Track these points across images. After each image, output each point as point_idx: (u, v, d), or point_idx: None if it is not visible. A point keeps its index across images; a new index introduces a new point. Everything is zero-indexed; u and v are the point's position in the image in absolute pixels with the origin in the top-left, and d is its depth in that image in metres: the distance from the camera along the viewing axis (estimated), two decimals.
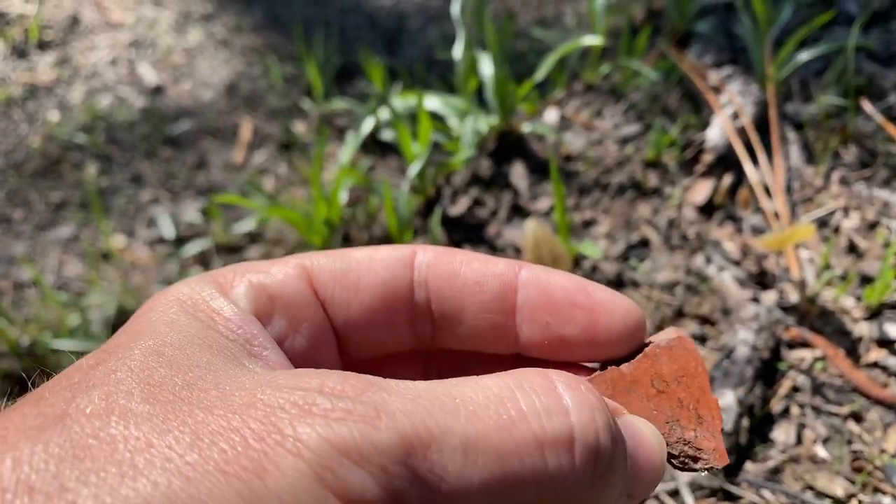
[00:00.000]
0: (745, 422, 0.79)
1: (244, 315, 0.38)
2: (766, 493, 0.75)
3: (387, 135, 1.28)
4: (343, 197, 1.10)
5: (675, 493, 0.77)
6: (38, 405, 0.30)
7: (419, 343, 0.44)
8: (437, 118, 1.22)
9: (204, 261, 1.18)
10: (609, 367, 0.42)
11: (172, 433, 0.29)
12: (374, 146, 1.30)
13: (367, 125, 1.20)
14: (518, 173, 1.13)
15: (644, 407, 0.41)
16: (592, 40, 1.15)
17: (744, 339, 0.84)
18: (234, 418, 0.29)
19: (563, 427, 0.32)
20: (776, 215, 0.98)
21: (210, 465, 0.28)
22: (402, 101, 1.19)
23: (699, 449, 0.39)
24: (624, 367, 0.42)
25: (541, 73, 1.17)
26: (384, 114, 1.24)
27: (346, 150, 1.18)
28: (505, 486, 0.30)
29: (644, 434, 0.37)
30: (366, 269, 0.43)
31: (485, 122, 1.13)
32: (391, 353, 0.39)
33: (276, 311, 0.40)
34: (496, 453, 0.30)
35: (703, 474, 0.39)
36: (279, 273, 0.42)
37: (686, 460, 0.39)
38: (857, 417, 0.80)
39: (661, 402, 0.40)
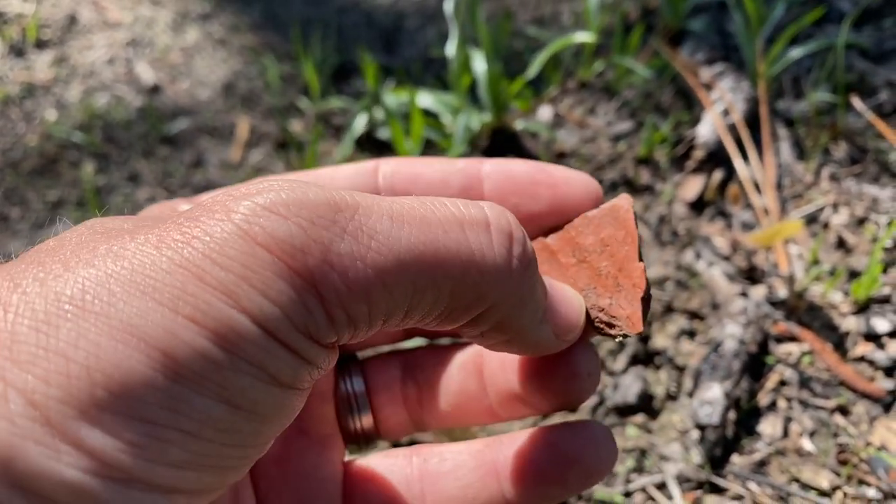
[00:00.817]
0: (732, 415, 0.80)
1: None
2: (753, 486, 0.75)
3: (383, 133, 1.29)
4: None
5: (661, 486, 0.77)
6: None
7: None
8: (430, 115, 1.23)
9: None
10: (535, 240, 0.44)
11: (114, 238, 0.30)
12: (371, 144, 1.31)
13: (360, 122, 1.21)
14: None
15: (561, 276, 0.43)
16: (584, 37, 1.16)
17: (732, 333, 0.85)
18: (172, 217, 0.31)
19: (479, 213, 0.33)
20: (766, 211, 0.98)
21: (145, 247, 0.29)
22: (395, 98, 1.20)
23: (613, 316, 0.40)
24: (549, 238, 0.44)
25: (533, 70, 1.18)
26: (380, 112, 1.24)
27: (342, 148, 1.19)
28: (432, 253, 0.31)
29: (558, 284, 0.39)
30: (328, 180, 0.46)
31: (477, 119, 1.14)
32: None
33: None
34: (421, 222, 0.32)
35: (617, 341, 0.41)
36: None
37: (601, 326, 0.40)
38: (843, 411, 0.80)
39: (579, 271, 0.42)
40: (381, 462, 0.46)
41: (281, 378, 0.30)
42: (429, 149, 1.21)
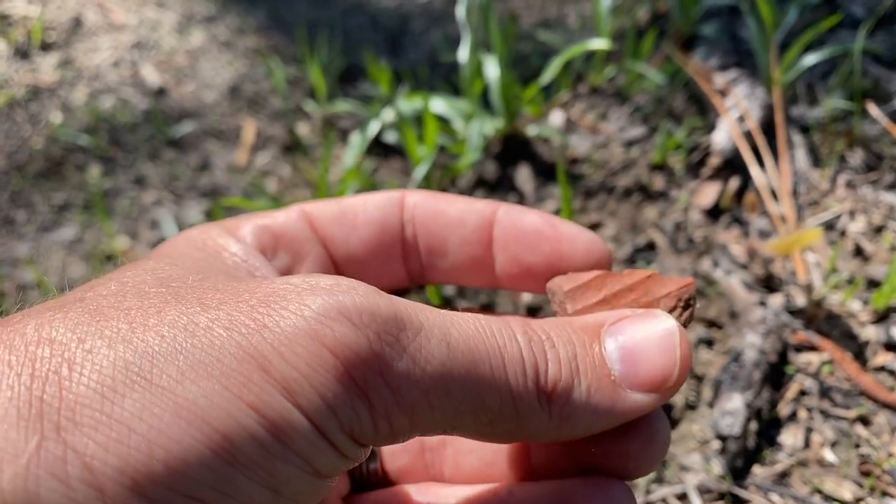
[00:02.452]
0: (753, 425, 0.79)
1: (249, 249, 0.42)
2: (775, 497, 0.75)
3: (389, 137, 1.28)
4: None
5: (682, 497, 0.76)
6: (57, 299, 0.32)
7: (410, 278, 0.49)
8: (441, 121, 1.22)
9: None
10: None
11: (182, 303, 0.31)
12: (377, 148, 1.30)
13: (374, 127, 1.20)
14: (523, 176, 1.12)
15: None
16: (599, 44, 1.15)
17: (751, 342, 0.84)
18: (243, 294, 0.32)
19: (517, 350, 0.35)
20: (783, 219, 0.98)
21: (215, 324, 0.30)
22: (407, 103, 1.19)
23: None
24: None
25: (547, 76, 1.17)
26: (388, 115, 1.23)
27: (352, 152, 1.18)
28: (476, 386, 0.33)
29: (632, 334, 0.38)
30: (361, 209, 0.47)
31: (490, 125, 1.13)
32: (386, 288, 0.42)
33: (279, 247, 0.44)
34: (472, 354, 0.33)
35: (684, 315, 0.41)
36: (281, 216, 0.45)
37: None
38: (864, 421, 0.80)
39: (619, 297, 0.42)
40: (384, 499, 0.46)
41: (322, 471, 0.31)
42: (440, 154, 1.20)
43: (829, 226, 0.98)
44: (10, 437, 0.25)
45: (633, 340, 0.37)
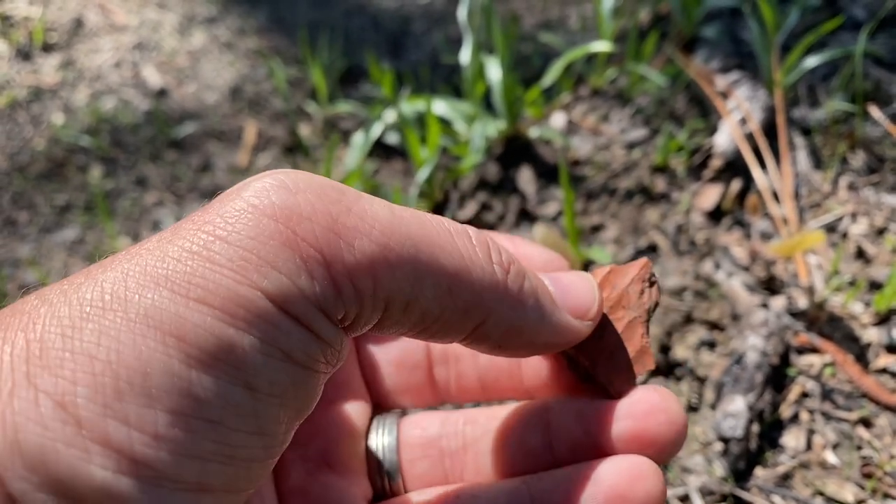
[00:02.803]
0: (756, 427, 0.79)
1: None
2: (777, 499, 0.75)
3: (390, 138, 1.28)
4: None
5: (685, 499, 0.77)
6: None
7: None
8: (443, 122, 1.22)
9: None
10: None
11: (136, 245, 0.32)
12: (377, 149, 1.30)
13: (377, 130, 1.20)
14: (525, 178, 1.13)
15: None
16: (602, 46, 1.15)
17: (753, 344, 0.84)
18: (188, 216, 0.33)
19: (462, 227, 0.36)
20: (784, 221, 0.98)
21: (161, 241, 0.31)
22: (409, 105, 1.19)
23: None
24: None
25: (549, 79, 1.17)
26: (389, 117, 1.24)
27: (355, 154, 1.18)
28: (429, 245, 0.33)
29: (563, 273, 0.43)
30: None
31: (493, 127, 1.13)
32: None
33: None
34: (418, 220, 0.34)
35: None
36: None
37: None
38: (866, 423, 0.80)
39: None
40: (410, 501, 0.45)
41: (293, 355, 0.31)
42: (442, 156, 1.20)
43: (831, 228, 0.99)
44: None
45: (562, 280, 0.41)
